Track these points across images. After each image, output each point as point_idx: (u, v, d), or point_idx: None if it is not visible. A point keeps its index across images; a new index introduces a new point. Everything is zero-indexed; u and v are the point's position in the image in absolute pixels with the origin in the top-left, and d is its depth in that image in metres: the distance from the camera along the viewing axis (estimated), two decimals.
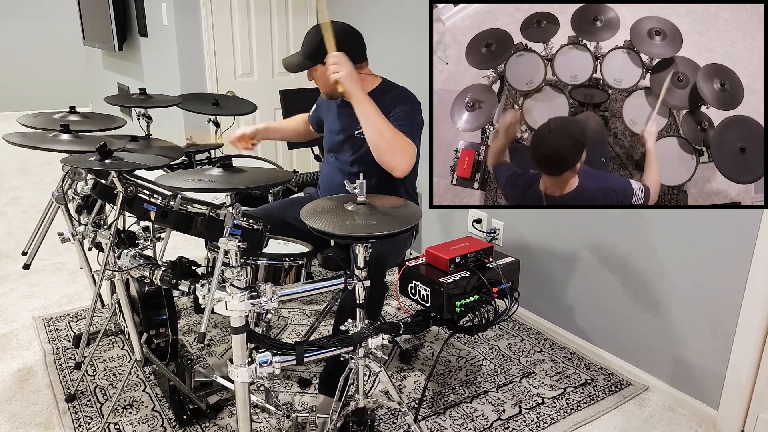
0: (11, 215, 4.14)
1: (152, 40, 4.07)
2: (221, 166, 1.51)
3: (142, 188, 1.62)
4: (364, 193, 1.52)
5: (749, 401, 1.96)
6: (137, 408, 2.07)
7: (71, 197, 2.08)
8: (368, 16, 3.39)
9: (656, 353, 2.21)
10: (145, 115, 2.53)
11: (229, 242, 1.40)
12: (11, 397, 2.15)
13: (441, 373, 2.32)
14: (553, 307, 2.59)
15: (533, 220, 2.60)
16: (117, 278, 1.82)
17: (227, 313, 1.44)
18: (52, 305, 2.84)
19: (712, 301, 1.99)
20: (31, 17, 7.77)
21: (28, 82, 7.91)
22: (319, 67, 1.98)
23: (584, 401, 2.15)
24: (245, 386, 1.50)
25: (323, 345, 1.54)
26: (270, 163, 2.86)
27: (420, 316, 1.69)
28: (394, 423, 2.01)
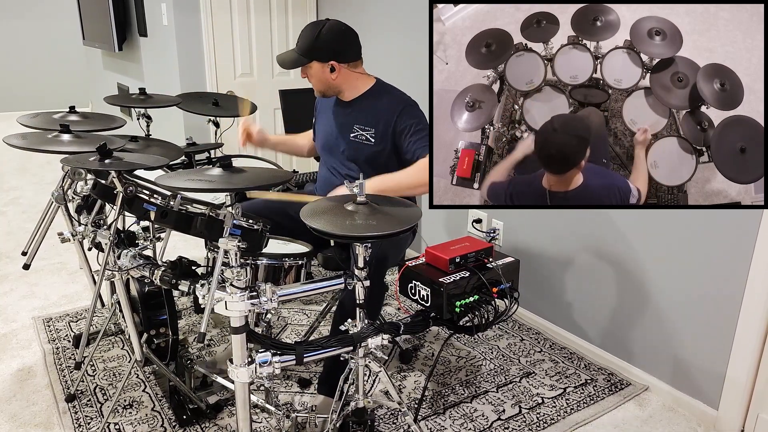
0: (11, 215, 4.14)
1: (152, 40, 4.07)
2: (221, 166, 1.51)
3: (142, 188, 1.62)
4: (363, 193, 1.52)
5: (749, 401, 1.96)
6: (137, 408, 2.07)
7: (71, 197, 2.08)
8: (368, 16, 3.38)
9: (656, 353, 2.21)
10: (145, 115, 2.53)
11: (229, 242, 1.40)
12: (11, 397, 2.15)
13: (441, 373, 2.32)
14: (553, 307, 2.59)
15: (533, 220, 2.60)
16: (117, 278, 1.82)
17: (227, 313, 1.44)
18: (52, 305, 2.84)
19: (712, 301, 1.99)
20: (31, 17, 7.77)
21: (28, 82, 7.91)
22: (313, 65, 1.98)
23: (584, 401, 2.15)
24: (245, 386, 1.50)
25: (323, 345, 1.54)
26: (270, 163, 2.85)
27: (420, 316, 1.69)
28: (394, 423, 2.01)
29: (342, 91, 2.06)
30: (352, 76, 2.03)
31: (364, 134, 2.02)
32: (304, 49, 1.98)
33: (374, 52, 2.10)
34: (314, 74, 2.01)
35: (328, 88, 2.04)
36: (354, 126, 2.05)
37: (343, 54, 1.98)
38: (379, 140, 2.02)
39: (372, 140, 2.02)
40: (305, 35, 1.99)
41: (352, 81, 2.04)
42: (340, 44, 1.98)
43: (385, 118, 2.00)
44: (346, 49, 1.99)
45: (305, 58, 1.98)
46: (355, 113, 2.07)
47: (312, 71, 2.01)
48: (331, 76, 1.99)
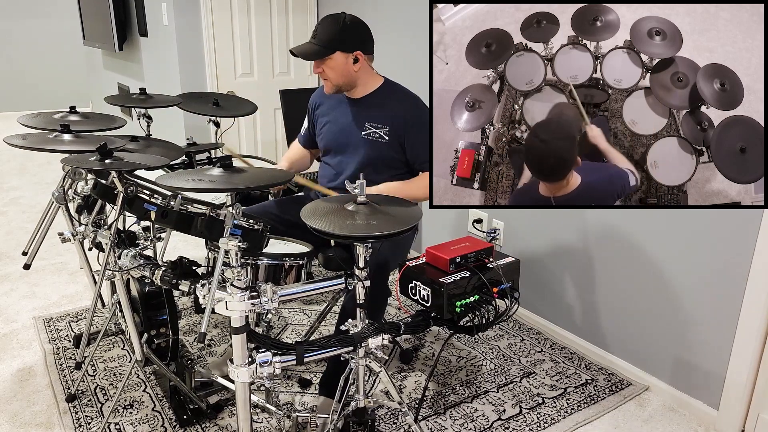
0: (11, 215, 4.15)
1: (152, 40, 4.07)
2: (221, 166, 1.51)
3: (142, 188, 1.62)
4: (364, 193, 1.52)
5: (749, 401, 1.96)
6: (137, 408, 2.07)
7: (71, 197, 2.08)
8: (368, 16, 3.36)
9: (656, 353, 2.21)
10: (145, 115, 2.53)
11: (230, 242, 1.40)
12: (11, 397, 2.15)
13: (441, 373, 2.32)
14: (553, 307, 2.59)
15: (533, 220, 2.60)
16: (117, 278, 1.82)
17: (227, 313, 1.44)
18: (52, 305, 2.84)
19: (712, 301, 1.99)
20: (31, 17, 7.77)
21: (28, 82, 7.91)
22: (336, 56, 1.95)
23: (584, 401, 2.16)
24: (245, 386, 1.50)
25: (323, 345, 1.54)
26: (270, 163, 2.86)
27: (420, 316, 1.69)
28: (395, 423, 2.01)
29: (356, 87, 2.04)
30: (369, 71, 2.03)
31: (378, 131, 2.02)
32: (326, 40, 1.94)
33: (375, 52, 2.09)
34: (336, 66, 1.97)
35: (346, 82, 2.01)
36: (366, 123, 2.04)
37: (367, 45, 2.00)
38: (392, 138, 2.02)
39: (386, 138, 2.02)
40: (327, 26, 1.96)
41: (368, 77, 2.04)
42: (364, 35, 1.99)
43: (396, 116, 2.01)
44: (369, 40, 2.01)
45: (328, 50, 1.95)
46: (366, 111, 2.06)
47: (333, 63, 1.96)
48: (354, 67, 1.97)
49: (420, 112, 2.01)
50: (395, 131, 2.02)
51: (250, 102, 2.77)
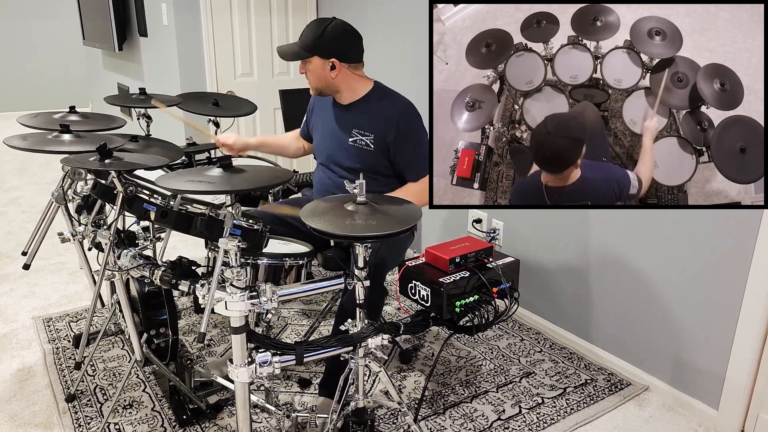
0: (11, 215, 4.14)
1: (152, 40, 4.07)
2: (221, 166, 1.51)
3: (142, 188, 1.62)
4: (363, 193, 1.52)
5: (749, 401, 1.96)
6: (137, 408, 2.07)
7: (71, 197, 2.08)
8: (368, 16, 3.39)
9: (656, 353, 2.21)
10: (145, 115, 2.53)
11: (229, 242, 1.40)
12: (11, 397, 2.15)
13: (441, 373, 2.32)
14: (553, 307, 2.59)
15: (533, 220, 2.60)
16: (117, 278, 1.82)
17: (227, 313, 1.44)
18: (52, 305, 2.84)
19: (712, 302, 1.99)
20: (31, 17, 7.77)
21: (28, 82, 7.91)
22: (314, 60, 1.97)
23: (584, 401, 2.15)
24: (245, 386, 1.50)
25: (323, 345, 1.54)
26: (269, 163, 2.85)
27: (420, 316, 1.69)
28: (394, 423, 2.01)
29: (340, 92, 2.05)
30: (351, 78, 2.02)
31: (364, 139, 2.02)
32: (306, 44, 1.97)
33: (374, 52, 2.09)
34: (314, 70, 2.00)
35: (325, 87, 2.03)
36: (353, 130, 2.04)
37: (346, 54, 1.98)
38: (378, 145, 2.01)
39: (372, 146, 2.02)
40: (310, 30, 1.98)
41: (351, 83, 2.03)
42: (343, 43, 1.98)
43: (384, 123, 2.00)
44: (349, 49, 1.99)
45: (307, 52, 1.97)
46: (353, 117, 2.06)
47: (312, 66, 1.99)
48: (331, 74, 1.98)
49: (408, 119, 2.00)
50: (381, 140, 2.01)
51: (250, 102, 2.76)
